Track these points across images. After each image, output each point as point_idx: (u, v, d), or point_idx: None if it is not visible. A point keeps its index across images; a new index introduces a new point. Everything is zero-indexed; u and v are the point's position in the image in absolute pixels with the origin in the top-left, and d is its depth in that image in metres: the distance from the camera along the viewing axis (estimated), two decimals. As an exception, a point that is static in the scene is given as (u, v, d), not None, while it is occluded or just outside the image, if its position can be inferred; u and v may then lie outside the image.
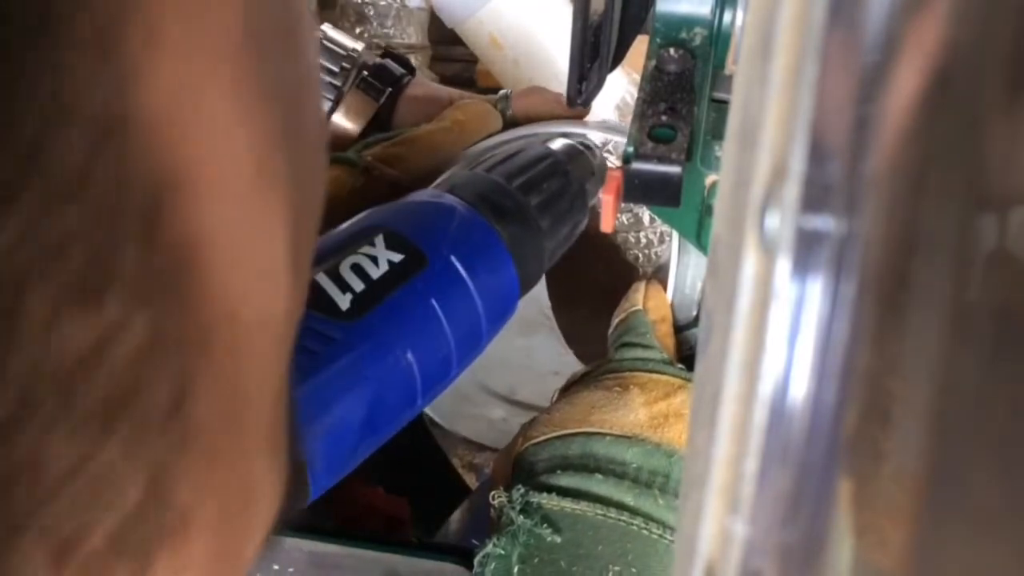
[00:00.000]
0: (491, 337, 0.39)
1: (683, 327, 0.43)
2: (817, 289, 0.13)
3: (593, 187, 0.46)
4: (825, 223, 0.13)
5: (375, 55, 0.59)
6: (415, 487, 0.56)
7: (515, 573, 0.36)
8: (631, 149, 0.30)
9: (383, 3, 0.86)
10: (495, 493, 0.38)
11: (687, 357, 0.42)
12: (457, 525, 0.56)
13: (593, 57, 0.36)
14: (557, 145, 0.46)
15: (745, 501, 0.14)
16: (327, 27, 0.57)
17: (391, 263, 0.35)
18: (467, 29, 0.78)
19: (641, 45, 0.37)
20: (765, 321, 0.13)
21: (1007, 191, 0.14)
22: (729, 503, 0.14)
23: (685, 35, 0.35)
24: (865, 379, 0.14)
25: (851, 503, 0.15)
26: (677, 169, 0.29)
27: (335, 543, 0.43)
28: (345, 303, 0.33)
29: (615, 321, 0.44)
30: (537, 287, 0.44)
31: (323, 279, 0.33)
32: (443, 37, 0.90)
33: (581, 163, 0.45)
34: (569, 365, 0.62)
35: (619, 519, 0.36)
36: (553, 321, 0.65)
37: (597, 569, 0.35)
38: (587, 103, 0.39)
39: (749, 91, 0.15)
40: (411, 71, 0.58)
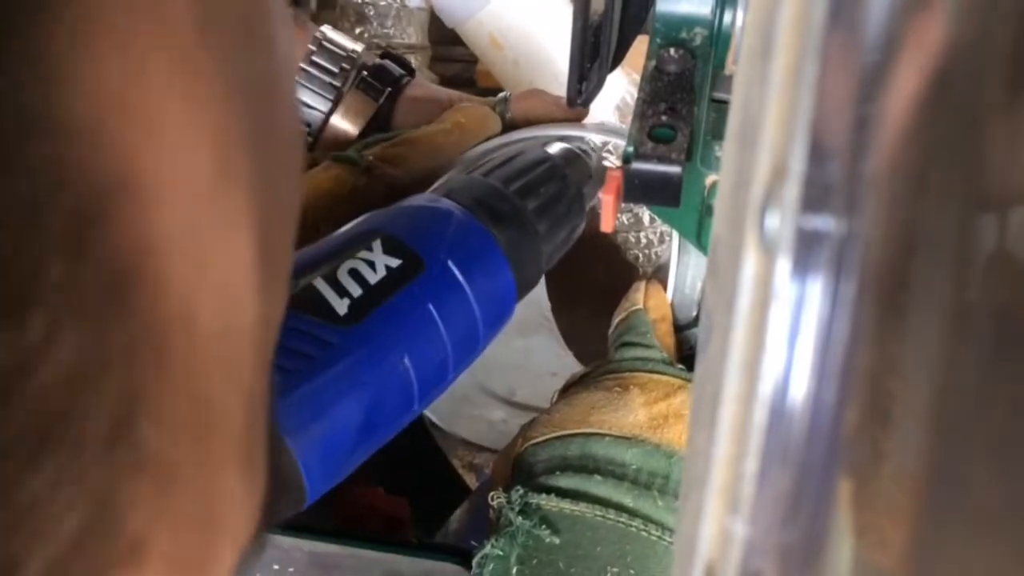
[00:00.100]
0: (488, 341, 0.39)
1: (683, 327, 0.43)
2: (817, 289, 0.13)
3: (591, 191, 0.46)
4: (825, 223, 0.13)
5: (375, 56, 0.59)
6: (415, 487, 0.56)
7: (513, 574, 0.36)
8: (631, 149, 0.30)
9: (383, 3, 0.86)
10: (494, 494, 0.37)
11: (687, 357, 0.42)
12: (457, 525, 0.56)
13: (593, 57, 0.36)
14: (554, 149, 0.46)
15: (745, 501, 0.14)
16: (327, 27, 0.57)
17: (388, 268, 0.35)
18: (467, 30, 0.78)
19: (641, 45, 0.37)
20: (765, 321, 0.13)
21: (1007, 191, 0.14)
22: (729, 503, 0.14)
23: (685, 35, 0.35)
24: (865, 379, 0.14)
25: (851, 503, 0.15)
26: (677, 169, 0.29)
27: (335, 543, 0.43)
28: (343, 308, 0.33)
29: (615, 321, 0.44)
30: (537, 288, 0.44)
31: (321, 284, 0.33)
32: (443, 37, 0.90)
33: (579, 167, 0.45)
34: (568, 366, 0.62)
35: (618, 520, 0.36)
36: (552, 323, 0.65)
37: (596, 570, 0.35)
38: (587, 103, 0.39)
39: (749, 91, 0.15)
40: (410, 72, 0.58)
